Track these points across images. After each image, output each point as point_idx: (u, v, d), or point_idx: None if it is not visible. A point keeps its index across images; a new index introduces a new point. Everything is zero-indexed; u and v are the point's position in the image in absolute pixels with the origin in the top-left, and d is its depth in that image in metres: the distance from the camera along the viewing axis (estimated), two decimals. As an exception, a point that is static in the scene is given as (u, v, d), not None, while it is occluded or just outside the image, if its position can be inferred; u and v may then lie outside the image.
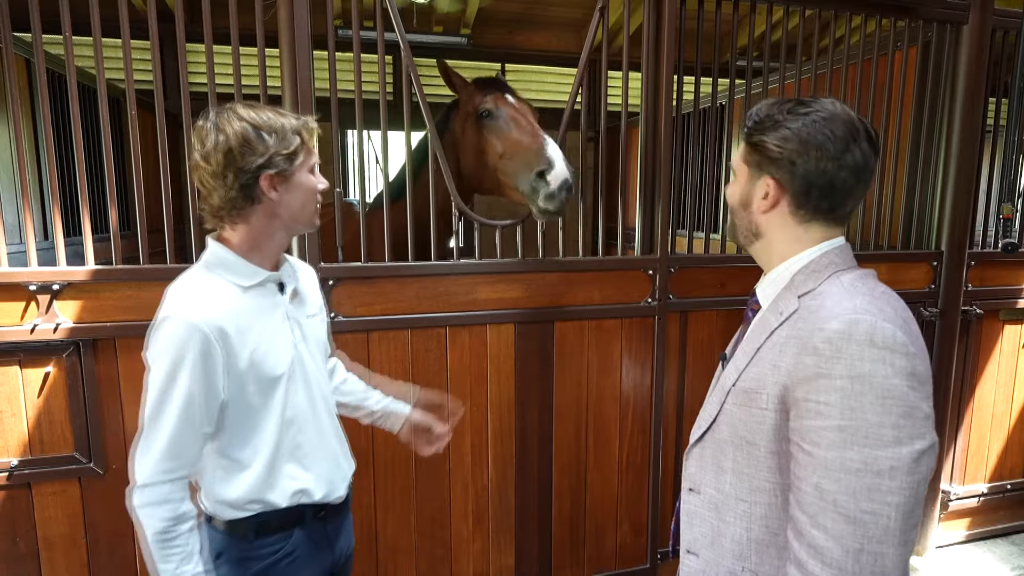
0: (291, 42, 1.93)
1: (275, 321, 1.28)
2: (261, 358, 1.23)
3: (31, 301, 1.84)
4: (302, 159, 1.24)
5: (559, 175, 1.95)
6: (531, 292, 2.21)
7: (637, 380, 2.38)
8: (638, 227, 2.40)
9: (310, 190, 1.28)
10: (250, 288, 1.25)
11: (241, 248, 1.26)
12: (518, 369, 2.23)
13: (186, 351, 1.14)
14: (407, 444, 2.15)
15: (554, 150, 2.00)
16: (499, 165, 2.15)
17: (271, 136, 1.19)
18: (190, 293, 1.20)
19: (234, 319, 1.20)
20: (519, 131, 2.12)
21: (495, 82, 2.30)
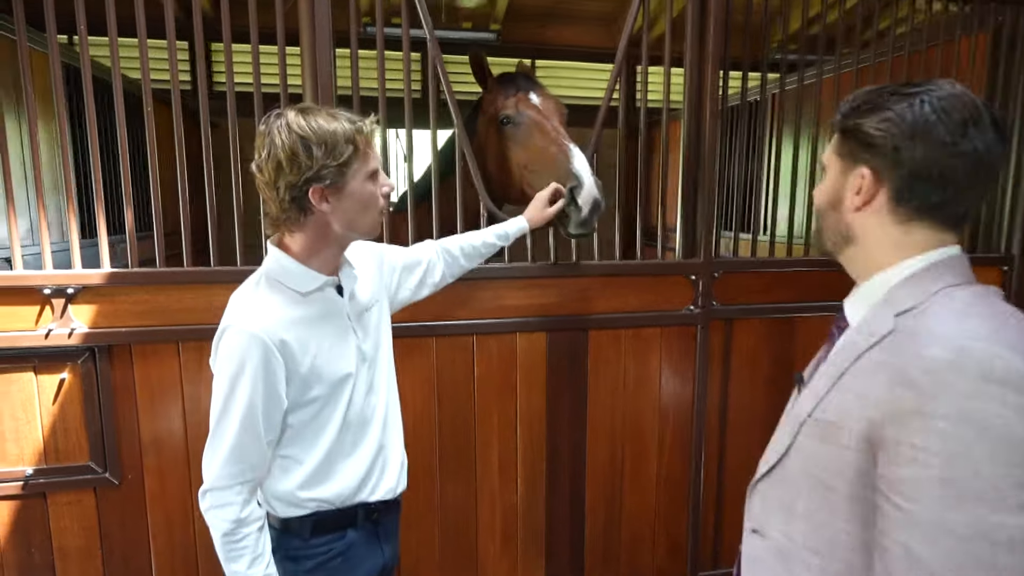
0: (311, 39, 1.83)
1: (336, 325, 1.27)
2: (323, 364, 1.23)
3: (46, 305, 1.77)
4: (356, 167, 1.19)
5: (589, 195, 1.75)
6: (563, 298, 2.07)
7: (677, 392, 2.22)
8: (679, 229, 2.24)
9: (367, 198, 1.22)
10: (309, 294, 1.24)
11: (300, 255, 1.24)
12: (549, 379, 2.10)
13: (246, 361, 1.14)
14: (432, 457, 2.04)
15: (581, 163, 1.80)
16: (524, 176, 1.96)
17: (320, 148, 1.13)
18: (250, 302, 1.20)
19: (294, 327, 1.19)
20: (543, 139, 1.91)
21: (517, 80, 2.09)
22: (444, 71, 1.93)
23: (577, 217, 1.77)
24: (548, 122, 1.94)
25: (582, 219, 1.77)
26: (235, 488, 1.17)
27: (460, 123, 1.96)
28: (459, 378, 2.02)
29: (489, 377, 2.04)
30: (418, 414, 2.01)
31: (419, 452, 2.02)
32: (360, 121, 1.19)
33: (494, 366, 2.05)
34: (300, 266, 1.24)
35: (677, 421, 2.24)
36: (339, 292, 1.30)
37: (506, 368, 2.06)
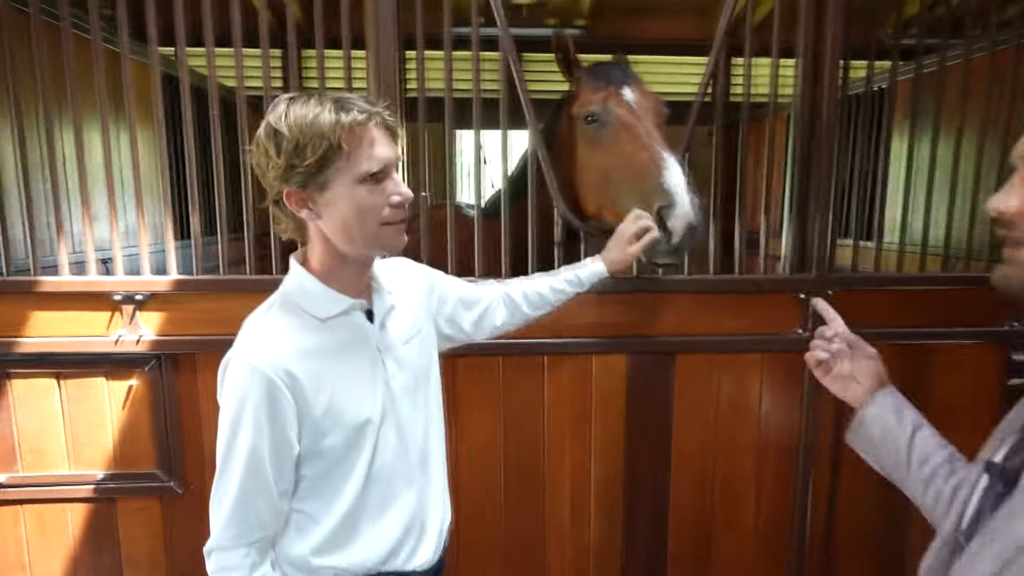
0: (376, 41, 1.71)
1: (360, 357, 1.09)
2: (342, 404, 1.05)
3: (116, 311, 1.77)
4: (338, 167, 0.99)
5: (683, 218, 1.45)
6: (648, 317, 1.83)
7: (780, 428, 1.92)
8: (786, 238, 1.94)
9: (359, 206, 1.01)
10: (329, 320, 1.07)
11: (320, 271, 1.08)
12: (629, 407, 1.87)
13: (247, 399, 0.98)
14: (496, 490, 1.87)
15: (675, 177, 1.49)
16: (605, 186, 1.67)
17: (290, 143, 0.96)
18: (258, 329, 1.04)
19: (307, 359, 1.02)
20: (632, 143, 1.60)
21: (609, 72, 1.77)
22: (517, 65, 1.75)
23: (666, 244, 1.48)
24: (640, 123, 1.62)
25: (672, 247, 1.48)
26: (241, 550, 1.01)
27: (533, 120, 1.77)
28: (527, 402, 1.84)
29: (561, 402, 1.84)
30: (481, 441, 1.85)
31: (481, 483, 1.86)
32: (353, 111, 0.97)
33: (567, 390, 1.84)
34: (321, 286, 1.07)
35: (779, 462, 1.94)
36: (369, 318, 1.12)
37: (580, 393, 1.85)
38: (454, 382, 1.81)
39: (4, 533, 1.84)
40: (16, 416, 1.80)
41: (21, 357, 1.76)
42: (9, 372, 1.77)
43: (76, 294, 1.75)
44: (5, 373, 1.77)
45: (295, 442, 1.02)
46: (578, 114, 1.74)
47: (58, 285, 1.74)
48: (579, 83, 1.80)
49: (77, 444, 1.82)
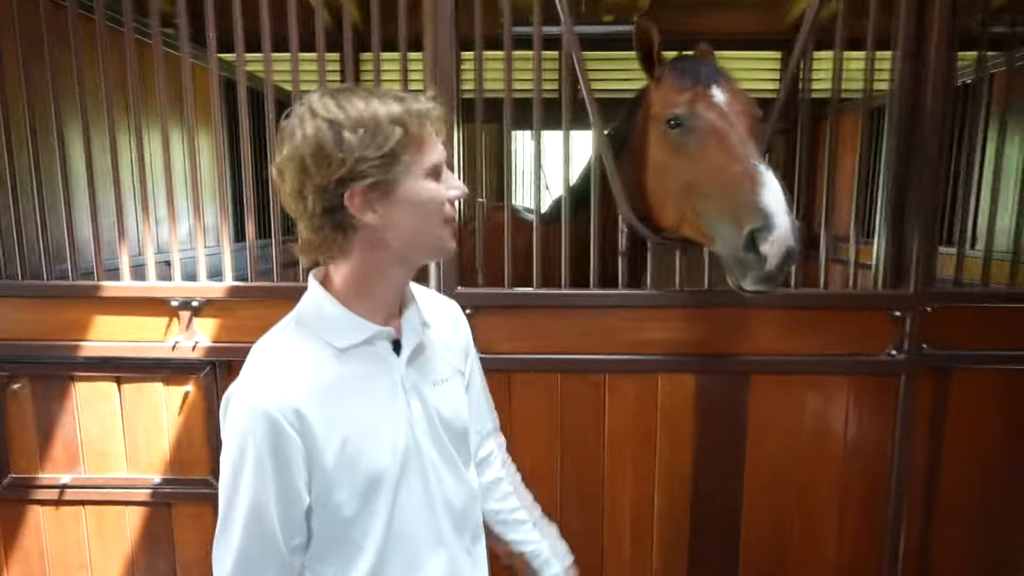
0: (434, 41, 1.63)
1: (381, 394, 0.95)
2: (357, 450, 0.91)
3: (173, 317, 1.77)
4: (409, 159, 0.88)
5: (781, 242, 1.25)
6: (720, 334, 1.68)
7: (867, 459, 1.73)
8: (877, 248, 1.75)
9: (430, 202, 0.91)
10: (349, 350, 0.93)
11: (344, 292, 0.95)
12: (698, 432, 1.72)
13: (248, 444, 0.86)
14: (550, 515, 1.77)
15: (773, 194, 1.29)
16: (688, 199, 1.48)
17: (355, 133, 0.84)
18: (266, 359, 0.92)
19: (321, 397, 0.89)
20: (723, 154, 1.40)
21: (698, 69, 1.53)
22: (581, 62, 1.63)
23: (758, 271, 1.30)
24: (733, 130, 1.42)
25: (766, 274, 1.29)
26: None
27: (598, 120, 1.65)
28: (587, 423, 1.72)
29: (623, 424, 1.72)
30: (535, 462, 1.73)
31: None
32: (414, 99, 0.88)
33: (629, 411, 1.72)
34: (342, 310, 0.94)
35: (865, 497, 1.74)
36: (395, 350, 0.98)
37: (644, 414, 1.72)
38: (509, 398, 1.72)
39: (67, 532, 1.88)
40: (80, 419, 1.83)
41: (84, 360, 1.78)
42: (74, 375, 1.80)
43: (136, 299, 1.76)
44: (70, 376, 1.80)
45: (305, 493, 0.89)
46: (659, 116, 1.54)
47: (119, 290, 1.75)
48: (661, 81, 1.59)
49: (135, 448, 1.83)
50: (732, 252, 1.34)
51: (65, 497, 1.84)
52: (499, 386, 1.71)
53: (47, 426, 1.83)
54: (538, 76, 1.66)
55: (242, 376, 0.90)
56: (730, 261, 1.37)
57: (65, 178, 1.75)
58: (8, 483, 1.85)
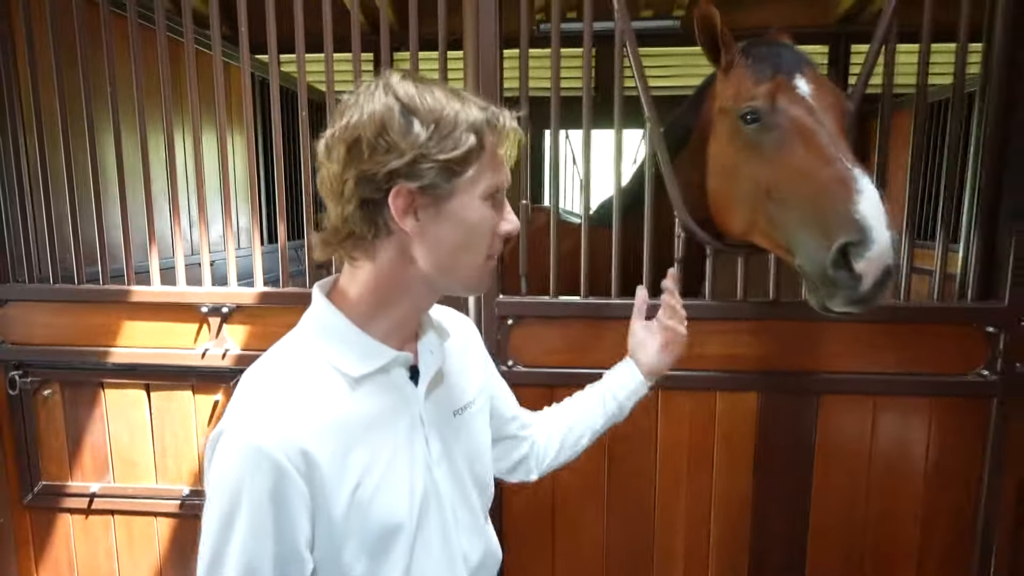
0: (476, 39, 1.52)
1: (397, 432, 0.83)
2: (370, 498, 0.78)
3: (203, 324, 1.70)
4: (473, 174, 0.77)
5: (879, 260, 1.07)
6: (786, 349, 1.53)
7: (953, 491, 1.55)
8: (963, 256, 1.57)
9: (479, 226, 0.79)
10: (364, 378, 0.80)
11: (358, 309, 0.82)
12: (759, 455, 1.57)
13: (243, 493, 0.72)
14: (595, 541, 1.64)
15: (871, 204, 1.10)
16: (764, 205, 1.29)
17: (427, 127, 0.74)
18: (265, 392, 0.77)
19: (331, 435, 0.76)
20: (811, 155, 1.20)
21: (779, 54, 1.33)
22: (637, 56, 1.50)
23: (850, 291, 1.11)
24: (822, 127, 1.22)
25: (860, 295, 1.11)
26: None
27: (654, 116, 1.51)
28: (637, 442, 1.58)
29: (677, 445, 1.58)
30: (579, 485, 1.62)
31: (581, 531, 1.63)
32: (498, 113, 0.78)
33: (684, 431, 1.58)
34: (355, 330, 0.81)
35: (949, 534, 1.57)
36: (413, 377, 0.86)
37: (701, 435, 1.57)
38: (552, 414, 1.60)
39: (96, 542, 1.83)
40: (109, 426, 1.78)
41: (114, 367, 1.73)
42: (103, 382, 1.75)
43: (166, 304, 1.70)
44: (100, 382, 1.76)
45: (307, 553, 0.75)
46: (731, 110, 1.35)
47: (149, 295, 1.70)
48: (732, 69, 1.39)
49: (164, 457, 1.78)
50: (818, 269, 1.16)
51: (95, 506, 1.80)
52: (541, 401, 1.58)
53: (77, 433, 1.79)
54: (587, 73, 1.54)
55: (235, 410, 0.76)
56: (815, 278, 1.18)
57: (96, 180, 1.70)
58: (40, 490, 1.81)
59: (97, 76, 1.68)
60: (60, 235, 1.73)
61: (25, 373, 1.75)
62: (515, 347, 1.57)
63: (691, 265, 1.55)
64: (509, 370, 1.57)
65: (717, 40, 1.36)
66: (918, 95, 1.50)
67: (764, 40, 1.42)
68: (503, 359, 1.57)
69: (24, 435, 1.78)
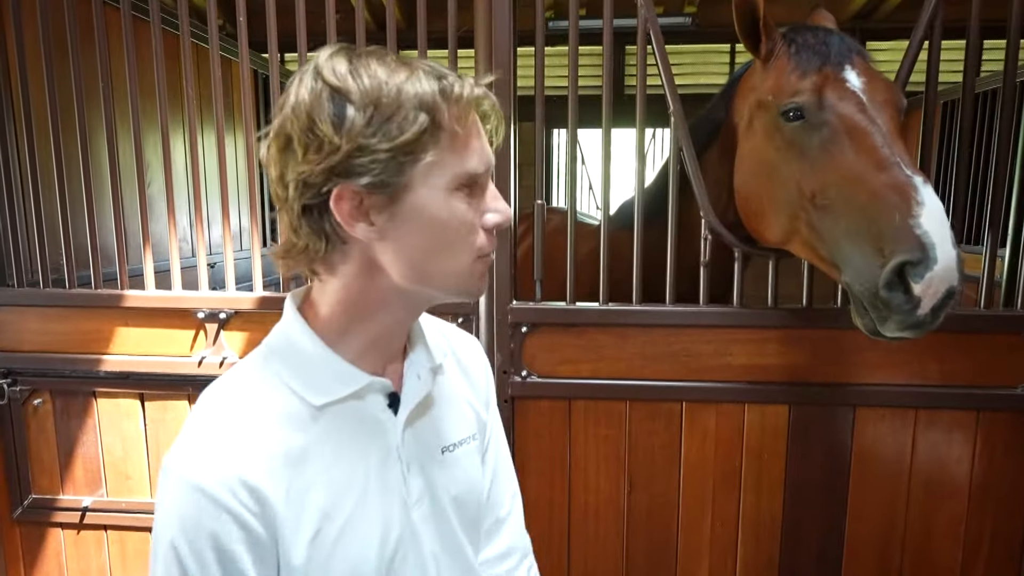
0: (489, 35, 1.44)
1: (370, 468, 0.72)
2: (334, 542, 0.68)
3: (200, 330, 1.62)
4: (432, 160, 0.63)
5: (941, 280, 0.96)
6: (819, 359, 1.43)
7: (1000, 513, 1.45)
8: (1010, 259, 1.47)
9: (451, 224, 0.66)
10: (329, 406, 0.70)
11: (330, 324, 0.72)
12: (791, 472, 1.47)
13: (180, 541, 0.63)
14: (615, 563, 1.55)
15: (934, 217, 0.98)
16: (806, 212, 1.16)
17: (363, 111, 0.61)
18: (211, 420, 0.68)
19: (287, 470, 0.66)
20: (863, 158, 1.08)
21: (828, 43, 1.19)
22: (663, 52, 1.40)
23: (906, 316, 1.00)
24: (876, 127, 1.09)
25: (916, 320, 1.00)
26: None
27: (680, 112, 1.42)
28: (659, 459, 1.49)
29: (702, 462, 1.48)
30: (599, 503, 1.52)
31: (599, 554, 1.54)
32: (460, 81, 0.64)
33: (710, 446, 1.48)
34: (323, 349, 0.70)
35: (995, 557, 1.46)
36: (392, 404, 0.75)
37: (728, 451, 1.48)
38: (569, 427, 1.51)
39: (88, 558, 1.75)
40: (102, 437, 1.69)
41: (106, 375, 1.65)
42: (96, 391, 1.67)
43: (161, 310, 1.61)
44: (92, 391, 1.67)
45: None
46: (771, 104, 1.21)
47: (144, 300, 1.61)
48: (773, 58, 1.25)
49: (159, 468, 1.69)
50: (868, 288, 1.04)
51: (87, 520, 1.71)
52: (557, 414, 1.51)
53: (68, 444, 1.70)
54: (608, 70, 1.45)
55: (178, 442, 0.67)
56: (864, 298, 1.07)
57: (88, 180, 1.62)
58: (30, 503, 1.73)
59: (90, 72, 1.60)
60: (51, 237, 1.65)
61: (14, 381, 1.67)
62: (529, 356, 1.48)
63: (718, 270, 1.46)
64: (523, 381, 1.47)
65: (757, 27, 1.23)
66: (964, 91, 1.40)
67: (808, 26, 1.28)
68: (517, 369, 1.48)
69: (13, 446, 1.70)
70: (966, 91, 1.38)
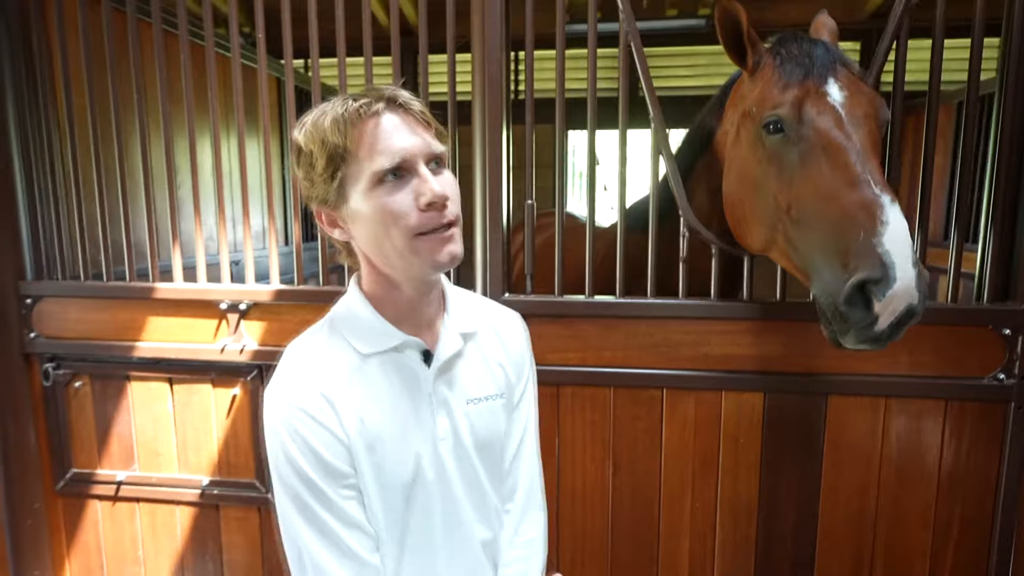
0: (483, 40, 1.55)
1: (407, 406, 0.93)
2: (382, 456, 0.90)
3: (222, 319, 1.77)
4: (352, 171, 0.85)
5: (901, 299, 1.00)
6: (793, 349, 1.51)
7: (967, 499, 1.51)
8: (981, 254, 1.53)
9: (378, 214, 0.84)
10: (372, 356, 0.92)
11: (373, 297, 0.95)
12: (766, 457, 1.56)
13: (287, 444, 0.86)
14: (600, 542, 1.65)
15: (896, 236, 1.01)
16: (782, 223, 1.20)
17: (304, 155, 0.86)
18: (293, 360, 0.92)
19: (346, 393, 0.89)
20: (835, 174, 1.10)
21: (812, 55, 1.20)
22: (642, 57, 1.50)
23: (865, 330, 1.04)
24: (850, 143, 1.11)
25: (875, 333, 1.04)
26: None
27: (659, 118, 1.51)
28: (642, 443, 1.59)
29: (682, 446, 1.58)
30: (585, 485, 1.63)
31: (586, 531, 1.64)
32: (359, 100, 0.83)
33: (689, 432, 1.57)
34: (372, 312, 0.93)
35: (964, 541, 1.53)
36: (427, 359, 0.95)
37: (706, 436, 1.57)
38: (558, 412, 1.61)
39: (121, 528, 1.91)
40: (134, 418, 1.86)
41: (139, 361, 1.81)
42: (129, 375, 1.83)
43: (187, 301, 1.77)
44: (126, 375, 1.84)
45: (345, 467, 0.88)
46: (755, 116, 1.23)
47: (171, 292, 1.77)
48: (759, 70, 1.27)
49: (186, 449, 1.85)
50: (830, 301, 1.09)
51: (120, 493, 1.88)
52: (547, 399, 1.62)
53: (105, 424, 1.87)
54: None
55: (273, 379, 0.91)
56: (827, 310, 1.11)
57: (123, 183, 1.78)
58: (71, 477, 1.90)
59: (125, 83, 1.76)
60: (90, 235, 1.82)
61: (58, 366, 1.85)
62: (520, 345, 1.59)
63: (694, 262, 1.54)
64: (514, 368, 1.59)
65: (742, 39, 1.26)
66: (930, 94, 1.47)
67: (797, 36, 1.28)
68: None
69: (57, 425, 1.88)
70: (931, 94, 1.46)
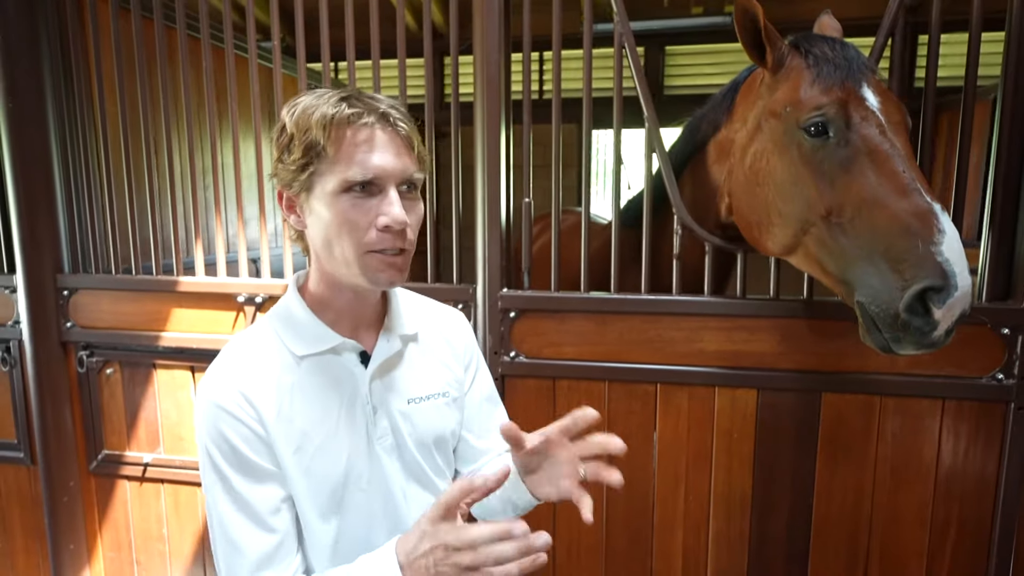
0: (482, 43, 1.60)
1: (341, 407, 0.93)
2: (309, 457, 0.90)
3: (240, 311, 1.87)
4: (324, 167, 0.84)
5: (960, 305, 1.01)
6: (788, 346, 1.53)
7: (965, 499, 1.50)
8: (982, 253, 1.51)
9: (335, 220, 0.85)
10: (308, 358, 0.92)
11: (314, 296, 0.95)
12: (760, 454, 1.57)
13: (208, 442, 0.87)
14: (597, 531, 1.68)
15: (954, 245, 1.02)
16: (817, 228, 1.17)
17: (284, 136, 0.87)
18: (225, 359, 0.92)
19: (276, 397, 0.89)
20: (884, 182, 1.08)
21: (846, 57, 1.17)
22: (633, 47, 1.53)
23: (925, 336, 1.05)
24: (897, 152, 1.10)
25: (933, 339, 1.05)
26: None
27: (653, 116, 1.54)
28: (636, 437, 1.62)
29: (676, 441, 1.60)
30: (581, 475, 1.66)
31: (581, 523, 1.67)
32: (354, 106, 0.83)
33: (683, 427, 1.60)
34: (308, 315, 0.93)
35: (963, 541, 1.51)
36: (364, 361, 0.96)
37: (700, 431, 1.59)
38: (554, 404, 1.66)
39: (148, 507, 2.04)
40: (160, 403, 1.97)
41: (164, 350, 1.92)
42: (155, 363, 1.95)
43: (207, 294, 1.87)
44: (152, 363, 1.96)
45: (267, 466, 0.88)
46: (787, 116, 1.19)
47: (193, 285, 1.88)
48: (785, 69, 1.24)
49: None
50: (887, 310, 1.07)
51: (147, 474, 2.00)
52: (543, 392, 1.66)
53: (133, 408, 1.99)
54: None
55: (205, 375, 0.92)
56: (881, 319, 1.09)
57: (151, 183, 1.90)
58: (102, 458, 2.03)
59: (155, 87, 1.88)
60: (121, 232, 1.95)
61: (92, 353, 1.98)
62: (517, 339, 1.64)
63: (689, 259, 1.57)
64: (512, 361, 1.64)
65: (760, 36, 1.23)
66: (926, 90, 1.46)
67: (820, 36, 1.27)
68: (506, 350, 1.64)
69: (91, 409, 2.01)
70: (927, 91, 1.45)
